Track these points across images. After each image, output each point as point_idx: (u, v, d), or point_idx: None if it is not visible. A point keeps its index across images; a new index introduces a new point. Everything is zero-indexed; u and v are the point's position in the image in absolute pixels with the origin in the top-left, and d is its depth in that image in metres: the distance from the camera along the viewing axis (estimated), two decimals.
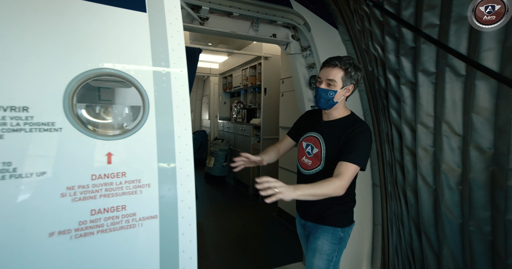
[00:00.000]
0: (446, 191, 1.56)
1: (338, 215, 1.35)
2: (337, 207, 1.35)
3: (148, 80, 0.74)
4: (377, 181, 2.06)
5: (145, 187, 0.70)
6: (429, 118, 1.68)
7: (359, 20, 2.20)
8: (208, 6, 1.94)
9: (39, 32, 0.61)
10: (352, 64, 1.29)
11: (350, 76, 1.28)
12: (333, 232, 1.34)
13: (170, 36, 0.80)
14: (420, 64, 1.71)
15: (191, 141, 0.79)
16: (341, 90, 1.29)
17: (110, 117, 0.73)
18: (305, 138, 1.42)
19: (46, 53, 0.61)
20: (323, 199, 1.25)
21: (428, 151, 1.68)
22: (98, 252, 0.63)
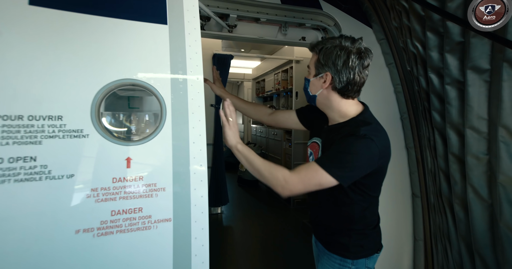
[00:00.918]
0: (505, 206, 1.34)
1: (350, 244, 1.08)
2: (346, 233, 1.09)
3: (166, 88, 0.77)
4: (417, 191, 1.86)
5: (160, 191, 0.73)
6: (481, 121, 1.48)
7: (396, 17, 2.05)
8: (236, 14, 1.98)
9: (74, 48, 0.69)
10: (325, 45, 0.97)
11: (322, 61, 0.96)
12: (340, 263, 1.09)
13: (188, 45, 0.83)
14: (469, 61, 1.52)
15: (205, 147, 0.80)
16: (315, 80, 1.00)
17: (130, 124, 0.78)
18: (310, 144, 1.19)
19: (78, 67, 0.69)
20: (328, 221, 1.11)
21: (480, 159, 1.47)
22: (116, 251, 0.67)
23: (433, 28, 1.71)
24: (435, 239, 1.75)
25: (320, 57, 0.97)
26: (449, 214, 1.61)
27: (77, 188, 0.65)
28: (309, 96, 1.07)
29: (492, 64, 1.43)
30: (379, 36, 2.18)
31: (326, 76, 0.98)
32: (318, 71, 0.99)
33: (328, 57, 0.95)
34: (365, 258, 1.11)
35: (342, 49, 0.95)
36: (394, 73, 2.04)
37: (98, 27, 0.72)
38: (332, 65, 0.95)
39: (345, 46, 0.95)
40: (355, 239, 1.09)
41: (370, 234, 1.13)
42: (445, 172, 1.63)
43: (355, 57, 0.95)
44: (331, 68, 0.96)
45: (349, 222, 1.07)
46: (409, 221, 1.90)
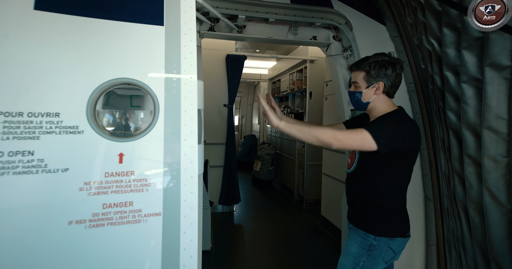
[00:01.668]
0: None
1: (374, 221, 1.28)
2: (374, 211, 1.28)
3: (160, 87, 0.81)
4: (429, 194, 1.77)
5: (151, 186, 0.76)
6: (500, 121, 1.38)
7: (411, 13, 1.97)
8: (245, 15, 2.00)
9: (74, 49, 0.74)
10: (374, 62, 1.27)
11: (372, 75, 1.26)
12: (363, 237, 1.28)
13: (183, 45, 0.86)
14: (488, 57, 1.43)
15: (196, 144, 0.83)
16: (368, 90, 1.28)
17: (124, 121, 0.82)
18: None
19: (76, 67, 0.73)
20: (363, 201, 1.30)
21: (498, 162, 1.38)
22: (107, 242, 0.71)
23: (450, 24, 1.63)
24: (449, 244, 1.65)
25: (371, 73, 1.26)
26: (463, 219, 1.52)
27: (71, 181, 0.70)
28: (361, 104, 1.32)
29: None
30: (392, 34, 2.10)
31: (379, 85, 1.26)
32: (370, 83, 1.27)
33: (379, 71, 1.25)
34: (388, 238, 1.25)
35: (388, 63, 1.26)
36: (407, 72, 1.95)
37: (97, 29, 0.77)
38: (384, 75, 1.25)
39: (387, 61, 1.27)
40: (379, 217, 1.27)
41: (395, 216, 1.29)
42: (460, 175, 1.54)
43: (398, 67, 1.27)
44: (383, 78, 1.26)
45: (374, 199, 1.26)
46: (421, 225, 1.81)
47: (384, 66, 1.25)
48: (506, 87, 1.35)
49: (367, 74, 1.27)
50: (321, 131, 1.14)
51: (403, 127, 1.21)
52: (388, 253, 1.27)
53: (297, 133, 1.13)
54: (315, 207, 4.07)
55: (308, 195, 4.15)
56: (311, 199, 4.15)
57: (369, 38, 2.10)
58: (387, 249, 1.26)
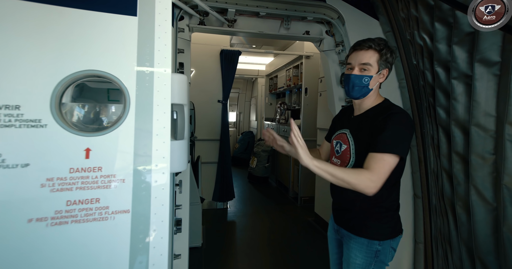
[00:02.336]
0: (509, 210, 1.24)
1: (376, 227, 1.19)
2: (375, 215, 1.19)
3: (131, 80, 0.78)
4: (418, 192, 1.75)
5: (119, 182, 0.74)
6: (488, 119, 1.36)
7: (404, 7, 1.93)
8: (235, 8, 1.96)
9: (38, 39, 0.71)
10: (387, 45, 1.16)
11: (386, 59, 1.15)
12: (367, 245, 1.19)
13: (157, 37, 0.83)
14: (478, 53, 1.40)
15: (169, 139, 0.80)
16: (376, 76, 1.15)
17: (92, 115, 0.79)
18: (335, 136, 1.31)
19: (40, 58, 0.70)
20: (362, 205, 1.21)
21: (486, 159, 1.36)
22: (71, 241, 0.69)
23: (442, 19, 1.60)
24: (436, 242, 1.65)
25: (386, 56, 1.14)
26: (450, 217, 1.51)
27: (31, 177, 0.67)
28: (366, 91, 1.18)
29: (502, 57, 1.31)
30: (385, 29, 2.07)
31: (384, 72, 1.18)
32: (381, 68, 1.16)
33: (391, 56, 1.16)
34: (390, 239, 1.20)
35: (391, 50, 1.17)
36: (399, 68, 1.93)
37: (64, 18, 0.74)
38: (390, 64, 1.17)
39: (393, 48, 1.18)
40: (380, 221, 1.19)
41: (394, 216, 1.24)
42: (448, 172, 1.52)
43: (395, 56, 1.19)
44: (389, 66, 1.18)
45: (375, 201, 1.15)
46: (410, 222, 1.80)
47: (393, 52, 1.16)
48: (495, 84, 1.33)
49: (381, 57, 1.13)
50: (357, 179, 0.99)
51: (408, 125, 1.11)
52: (391, 253, 1.23)
53: (328, 178, 1.00)
54: (310, 204, 4.07)
55: (303, 192, 4.14)
56: (305, 196, 4.15)
57: (362, 33, 2.06)
58: (390, 250, 1.22)
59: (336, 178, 0.98)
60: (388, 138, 1.04)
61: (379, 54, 1.13)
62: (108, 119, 0.81)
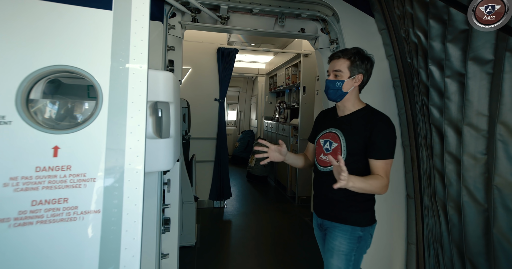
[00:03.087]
0: (500, 211, 1.21)
1: (358, 214, 1.32)
2: (357, 205, 1.32)
3: (104, 76, 0.76)
4: (411, 192, 1.73)
5: (89, 181, 0.72)
6: (480, 118, 1.33)
7: (399, 4, 1.90)
8: (227, 5, 1.94)
9: (2, 32, 0.68)
10: (358, 53, 1.30)
11: (357, 65, 1.29)
12: (351, 231, 1.30)
13: (133, 32, 0.81)
14: (471, 50, 1.37)
15: (143, 137, 0.78)
16: (349, 80, 1.30)
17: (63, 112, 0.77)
18: (322, 135, 1.41)
19: (5, 52, 0.68)
20: (342, 197, 1.33)
21: (478, 160, 1.33)
22: (35, 242, 0.67)
23: (437, 16, 1.56)
24: (428, 243, 1.62)
25: (357, 63, 1.29)
26: (442, 218, 1.48)
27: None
28: (340, 94, 1.32)
29: (496, 55, 1.27)
30: (380, 26, 2.03)
31: (359, 77, 1.31)
32: (352, 73, 1.30)
33: (363, 63, 1.30)
34: (369, 226, 1.32)
35: (368, 58, 1.33)
36: (393, 66, 1.89)
37: (33, 11, 0.72)
38: (365, 68, 1.31)
39: (368, 56, 1.33)
40: (361, 209, 1.32)
41: (371, 204, 1.36)
42: (441, 172, 1.50)
43: (373, 64, 1.35)
44: (363, 70, 1.31)
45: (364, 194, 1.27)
46: (403, 223, 1.77)
47: (366, 59, 1.31)
48: (488, 82, 1.30)
49: (351, 64, 1.29)
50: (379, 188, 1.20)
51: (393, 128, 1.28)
52: (369, 240, 1.34)
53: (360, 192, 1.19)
54: (307, 204, 4.05)
55: (300, 191, 4.12)
56: (303, 195, 4.13)
57: (357, 31, 2.03)
58: (369, 237, 1.33)
59: (365, 191, 1.18)
60: (385, 145, 1.23)
61: (349, 61, 1.29)
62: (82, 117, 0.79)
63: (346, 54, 1.30)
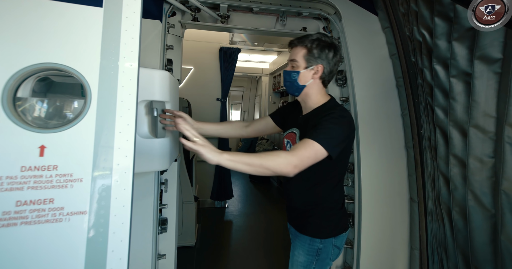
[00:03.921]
0: (508, 217, 1.16)
1: (318, 225, 1.20)
2: (317, 213, 1.20)
3: (93, 74, 0.74)
4: (414, 196, 1.68)
5: (76, 181, 0.70)
6: (488, 119, 1.28)
7: (404, 2, 1.85)
8: (227, 3, 1.91)
9: None
10: (317, 40, 1.11)
11: (315, 55, 1.11)
12: (309, 243, 1.20)
13: (124, 30, 0.79)
14: (478, 49, 1.32)
15: (133, 137, 0.76)
16: (306, 71, 1.11)
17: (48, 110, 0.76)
18: (286, 134, 1.29)
19: None
20: (302, 205, 1.22)
21: (484, 163, 1.28)
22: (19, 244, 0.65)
23: (442, 13, 1.51)
24: (432, 248, 1.57)
25: (313, 51, 1.10)
26: (447, 222, 1.43)
27: None
28: (297, 87, 1.15)
29: (504, 53, 1.22)
30: (384, 24, 1.99)
31: (318, 68, 1.12)
32: (309, 64, 1.12)
33: (322, 51, 1.10)
34: (333, 237, 1.20)
35: (331, 45, 1.12)
36: (396, 65, 1.84)
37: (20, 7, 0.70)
38: (325, 57, 1.11)
39: (332, 43, 1.13)
40: (323, 219, 1.20)
41: (337, 214, 1.23)
42: (445, 176, 1.44)
43: (338, 52, 1.14)
44: (324, 60, 1.11)
45: (319, 200, 1.19)
46: (406, 228, 1.72)
47: (327, 47, 1.10)
48: (496, 82, 1.25)
49: (308, 53, 1.11)
50: (274, 161, 0.92)
51: (346, 125, 1.07)
52: (334, 251, 1.24)
53: (245, 168, 0.90)
54: None
55: None
56: None
57: (359, 29, 1.99)
58: (333, 248, 1.22)
59: (253, 166, 0.90)
60: (319, 130, 1.00)
61: (306, 49, 1.10)
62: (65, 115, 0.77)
63: (303, 42, 1.12)
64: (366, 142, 1.76)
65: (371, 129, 1.78)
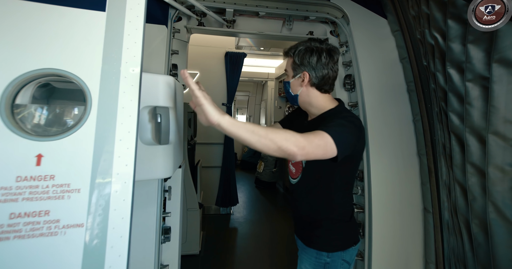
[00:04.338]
0: None
1: (325, 238, 1.15)
2: (326, 225, 1.15)
3: (94, 80, 0.71)
4: (428, 206, 1.59)
5: (74, 192, 0.67)
6: (508, 126, 1.21)
7: (414, 5, 1.80)
8: (233, 8, 1.90)
9: None
10: (299, 46, 1.08)
11: (298, 62, 1.07)
12: (316, 257, 1.15)
13: (127, 34, 0.76)
14: (497, 52, 1.26)
15: (134, 145, 0.73)
16: (295, 80, 1.10)
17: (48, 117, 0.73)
18: None
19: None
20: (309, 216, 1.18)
21: (506, 172, 1.20)
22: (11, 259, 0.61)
23: (456, 15, 1.46)
24: (449, 263, 1.48)
25: (295, 59, 1.08)
26: (465, 236, 1.34)
27: None
28: (291, 97, 1.15)
29: None
30: (393, 28, 1.94)
31: (304, 75, 1.08)
32: (296, 72, 1.10)
33: (303, 58, 1.06)
34: (341, 251, 1.14)
35: (313, 50, 1.07)
36: (407, 70, 1.79)
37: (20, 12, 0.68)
38: (308, 63, 1.06)
39: (315, 47, 1.07)
40: (331, 232, 1.15)
41: (345, 226, 1.18)
42: (462, 185, 1.37)
43: (326, 55, 1.06)
44: (307, 66, 1.07)
45: (327, 211, 1.14)
46: (420, 240, 1.63)
47: (308, 52, 1.05)
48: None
49: (293, 62, 1.09)
50: (282, 136, 0.81)
51: (356, 129, 1.00)
52: (343, 266, 1.17)
53: (247, 136, 0.80)
54: None
55: None
56: None
57: (368, 33, 1.94)
58: (341, 263, 1.15)
59: (258, 135, 0.79)
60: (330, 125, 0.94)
61: (292, 59, 1.09)
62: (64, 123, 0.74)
63: (288, 51, 1.10)
64: (376, 148, 1.69)
65: (380, 135, 1.72)
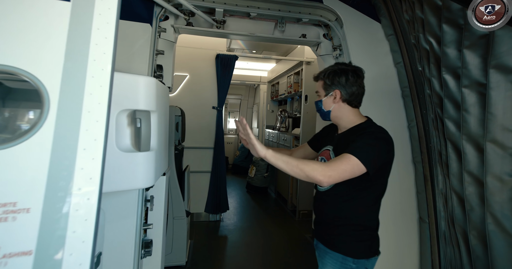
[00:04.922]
0: None
1: (352, 243, 1.18)
2: (351, 233, 1.19)
3: (54, 79, 0.61)
4: (424, 216, 1.54)
5: (21, 212, 0.56)
6: (507, 134, 1.16)
7: (408, 9, 1.77)
8: (223, 8, 1.82)
9: None
10: (328, 70, 1.27)
11: (329, 82, 1.26)
12: (342, 261, 1.17)
13: (96, 28, 0.67)
14: (494, 57, 1.22)
15: (101, 155, 0.63)
16: (327, 98, 1.27)
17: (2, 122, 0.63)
18: (321, 152, 1.35)
19: None
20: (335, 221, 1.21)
21: (505, 182, 1.15)
22: None
23: (451, 20, 1.43)
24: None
25: (326, 81, 1.25)
26: (463, 247, 1.29)
27: None
28: (324, 113, 1.29)
29: None
30: (387, 32, 1.90)
31: (335, 93, 1.24)
32: (327, 92, 1.26)
33: (333, 78, 1.24)
34: (365, 259, 1.17)
35: (341, 71, 1.24)
36: (402, 74, 1.74)
37: None
38: (338, 83, 1.23)
39: (342, 68, 1.24)
40: (357, 238, 1.18)
41: (371, 235, 1.21)
42: (459, 195, 1.32)
43: (353, 74, 1.23)
44: (337, 85, 1.23)
45: (353, 217, 1.18)
46: (415, 250, 1.57)
47: (337, 74, 1.25)
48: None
49: (324, 83, 1.27)
50: (310, 166, 1.02)
51: (383, 142, 1.13)
52: None
53: (283, 166, 1.04)
54: (308, 219, 3.84)
55: (302, 205, 3.91)
56: (304, 209, 3.92)
57: (361, 37, 1.90)
58: None
59: (291, 165, 1.03)
60: (355, 145, 1.08)
61: (322, 81, 1.28)
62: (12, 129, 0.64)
63: (319, 75, 1.30)
64: None
65: None
